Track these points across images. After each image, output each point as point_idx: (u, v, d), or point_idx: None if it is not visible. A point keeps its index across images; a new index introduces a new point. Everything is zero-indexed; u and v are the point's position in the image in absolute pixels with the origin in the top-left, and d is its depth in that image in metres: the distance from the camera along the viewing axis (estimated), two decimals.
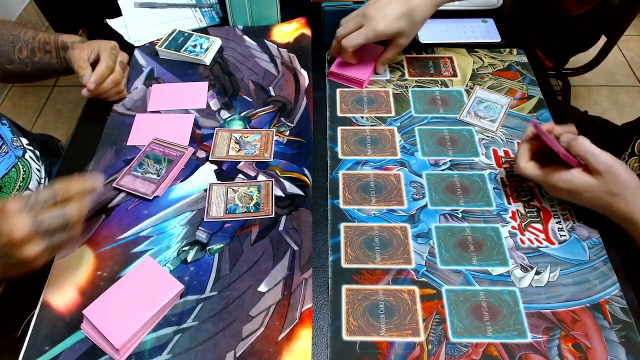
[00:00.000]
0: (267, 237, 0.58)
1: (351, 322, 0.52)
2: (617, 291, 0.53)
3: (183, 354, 0.50)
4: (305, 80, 0.75)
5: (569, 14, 1.12)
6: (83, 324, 0.51)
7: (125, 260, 0.56)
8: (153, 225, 0.60)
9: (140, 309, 0.51)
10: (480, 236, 0.58)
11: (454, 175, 0.64)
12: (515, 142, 0.67)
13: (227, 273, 0.55)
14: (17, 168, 0.70)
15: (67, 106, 1.82)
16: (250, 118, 0.71)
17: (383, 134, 0.69)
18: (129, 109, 0.73)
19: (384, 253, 0.57)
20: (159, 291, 0.52)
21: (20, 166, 0.71)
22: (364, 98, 0.74)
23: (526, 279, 0.54)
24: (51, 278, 0.55)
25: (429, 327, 0.51)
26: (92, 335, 0.50)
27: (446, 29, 0.84)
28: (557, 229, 0.58)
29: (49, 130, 1.14)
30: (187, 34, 0.81)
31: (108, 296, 0.52)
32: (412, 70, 0.78)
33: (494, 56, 0.79)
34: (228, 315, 0.52)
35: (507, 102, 0.72)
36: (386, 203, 0.61)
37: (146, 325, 0.51)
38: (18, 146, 0.74)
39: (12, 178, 0.69)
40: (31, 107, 1.80)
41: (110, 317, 0.50)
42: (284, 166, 0.65)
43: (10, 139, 0.73)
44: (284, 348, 0.49)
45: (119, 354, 0.49)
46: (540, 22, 1.19)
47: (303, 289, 0.53)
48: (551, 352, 0.49)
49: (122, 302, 0.51)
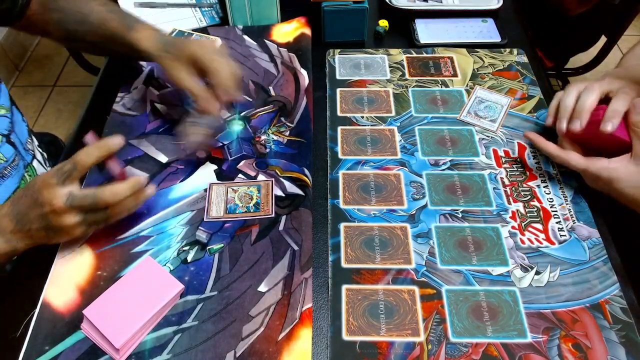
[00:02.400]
0: (267, 237, 0.58)
1: (351, 322, 0.52)
2: (617, 291, 0.53)
3: (183, 353, 0.50)
4: (305, 80, 0.75)
5: (569, 14, 1.12)
6: (83, 323, 0.51)
7: (126, 260, 0.56)
8: (153, 225, 0.60)
9: (140, 309, 0.50)
10: (480, 236, 0.58)
11: (454, 175, 0.64)
12: (516, 142, 0.67)
13: (227, 273, 0.55)
14: (25, 179, 0.69)
15: (67, 106, 1.82)
16: (250, 118, 0.71)
17: (383, 134, 0.69)
18: (128, 108, 0.73)
19: (384, 253, 0.57)
20: (159, 291, 0.52)
21: (28, 177, 0.70)
22: (364, 98, 0.74)
23: (526, 279, 0.54)
24: (51, 278, 0.55)
25: (429, 327, 0.51)
26: (92, 335, 0.50)
27: (446, 29, 0.84)
28: (557, 229, 0.58)
29: (49, 130, 1.14)
30: (187, 34, 0.81)
31: (108, 296, 0.52)
32: (412, 70, 0.78)
33: (494, 56, 0.79)
34: (228, 315, 0.52)
35: (507, 102, 0.72)
36: (386, 203, 0.61)
37: (146, 325, 0.51)
38: (30, 150, 0.72)
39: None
40: (31, 107, 1.80)
41: (110, 317, 0.50)
42: (284, 166, 0.65)
43: (25, 140, 0.72)
44: (284, 348, 0.49)
45: (119, 354, 0.49)
46: (540, 22, 1.19)
47: (303, 289, 0.53)
48: (551, 352, 0.49)
49: (122, 302, 0.51)
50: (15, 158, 0.66)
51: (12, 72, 1.91)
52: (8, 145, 0.66)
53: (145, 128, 0.70)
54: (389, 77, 0.77)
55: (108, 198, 0.51)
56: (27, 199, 0.51)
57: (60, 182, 0.50)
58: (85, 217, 0.51)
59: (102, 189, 0.51)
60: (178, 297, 0.53)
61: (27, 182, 0.69)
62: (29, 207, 0.51)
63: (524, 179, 0.63)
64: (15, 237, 0.52)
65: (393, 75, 0.77)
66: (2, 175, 0.64)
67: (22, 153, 0.69)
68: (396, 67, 0.78)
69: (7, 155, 0.65)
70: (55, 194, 0.49)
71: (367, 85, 0.75)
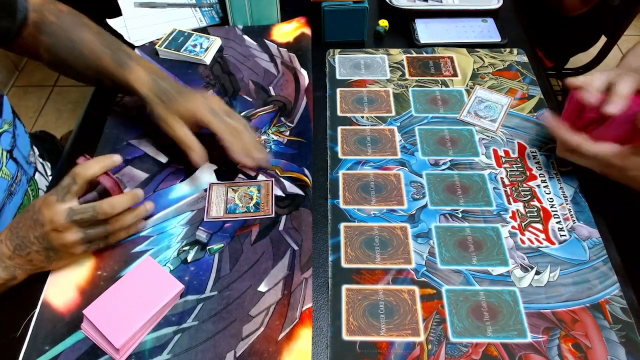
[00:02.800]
0: (267, 237, 0.58)
1: (351, 322, 0.52)
2: (617, 291, 0.53)
3: (183, 353, 0.50)
4: (305, 80, 0.75)
5: (569, 14, 1.12)
6: (83, 323, 0.51)
7: (126, 260, 0.56)
8: (153, 225, 0.60)
9: (140, 309, 0.50)
10: (480, 236, 0.58)
11: (454, 175, 0.64)
12: (516, 142, 0.67)
13: (227, 273, 0.55)
14: (28, 195, 0.68)
15: (67, 106, 1.82)
16: (250, 118, 0.71)
17: (383, 134, 0.69)
18: (129, 108, 0.73)
19: (384, 253, 0.57)
20: (159, 291, 0.52)
21: (30, 192, 0.69)
22: (364, 98, 0.74)
23: (526, 279, 0.54)
24: (51, 278, 0.55)
25: (429, 327, 0.51)
26: (92, 335, 0.50)
27: (446, 29, 0.84)
28: (557, 229, 0.58)
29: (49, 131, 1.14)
30: (187, 34, 0.81)
31: (108, 296, 0.52)
32: (412, 70, 0.78)
33: (494, 56, 0.79)
34: (228, 315, 0.52)
35: (507, 102, 0.72)
36: (386, 203, 0.61)
37: (146, 325, 0.51)
38: (32, 162, 0.71)
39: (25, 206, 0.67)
40: (31, 107, 1.80)
41: (110, 317, 0.50)
42: (284, 166, 0.65)
43: (28, 153, 0.70)
44: (284, 348, 0.49)
45: (119, 354, 0.49)
46: (540, 22, 1.19)
47: (303, 289, 0.53)
48: (551, 352, 0.49)
49: (122, 302, 0.51)
50: (18, 174, 0.66)
51: (12, 72, 1.91)
52: (12, 162, 0.65)
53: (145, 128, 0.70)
54: (389, 77, 0.77)
55: (107, 209, 0.51)
56: (26, 222, 0.51)
57: (60, 199, 0.50)
58: (86, 233, 0.52)
59: (101, 201, 0.52)
60: (178, 297, 0.53)
61: (30, 197, 0.68)
62: (29, 228, 0.51)
63: (524, 179, 0.63)
64: (13, 263, 0.51)
65: (393, 75, 0.77)
66: (11, 192, 0.64)
67: (24, 167, 0.68)
68: (396, 67, 0.78)
69: (12, 171, 0.65)
70: (56, 211, 0.49)
71: (367, 85, 0.75)
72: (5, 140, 0.64)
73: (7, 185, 0.63)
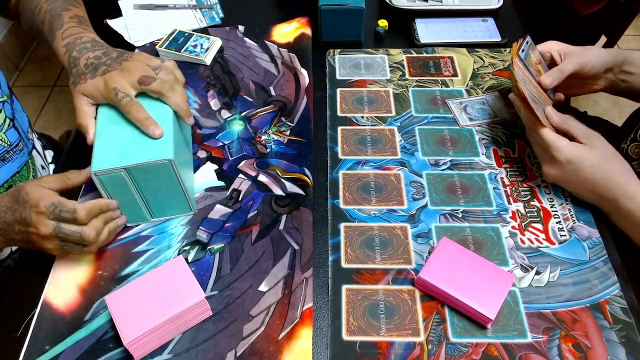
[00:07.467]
0: (267, 237, 0.58)
1: (351, 322, 0.52)
2: (617, 291, 0.53)
3: (183, 353, 0.50)
4: (305, 80, 0.75)
5: (580, 14, 1.12)
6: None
7: (126, 259, 0.57)
8: (154, 225, 0.60)
9: (158, 310, 0.49)
10: (480, 236, 0.58)
11: (454, 175, 0.64)
12: (516, 142, 0.67)
13: (228, 272, 0.55)
14: (28, 166, 0.69)
15: (67, 106, 1.82)
16: (250, 118, 0.71)
17: (383, 134, 0.69)
18: None
19: (384, 253, 0.57)
20: (180, 295, 0.50)
21: (31, 164, 0.70)
22: (364, 98, 0.74)
23: (526, 279, 0.54)
24: (52, 277, 0.55)
25: (429, 327, 0.51)
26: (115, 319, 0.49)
27: (446, 29, 0.84)
28: (557, 229, 0.58)
29: (49, 131, 1.14)
30: (188, 34, 0.81)
31: (132, 287, 0.50)
32: (412, 69, 0.78)
33: (494, 56, 0.79)
34: (228, 314, 0.52)
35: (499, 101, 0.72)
36: (386, 203, 0.61)
37: (161, 331, 0.49)
38: (30, 139, 0.73)
39: (23, 177, 0.68)
40: (31, 107, 1.80)
41: (127, 311, 0.49)
42: (285, 167, 0.65)
43: (27, 129, 0.72)
44: (285, 347, 0.50)
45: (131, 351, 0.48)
46: (540, 21, 1.19)
47: (303, 288, 0.53)
48: (551, 352, 0.49)
49: (143, 297, 0.49)
50: (19, 143, 0.67)
51: (12, 72, 1.90)
52: (13, 130, 0.66)
53: None
54: (389, 77, 0.77)
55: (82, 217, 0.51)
56: (15, 213, 0.51)
57: (51, 218, 0.50)
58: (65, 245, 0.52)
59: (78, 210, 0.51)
60: (202, 314, 0.51)
61: (29, 169, 0.69)
62: (16, 220, 0.51)
63: (524, 179, 0.63)
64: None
65: (393, 75, 0.77)
66: (3, 158, 0.64)
67: (24, 140, 0.70)
68: (396, 67, 0.78)
69: (12, 139, 0.66)
70: (44, 223, 0.50)
71: (367, 85, 0.75)
72: (6, 109, 0.66)
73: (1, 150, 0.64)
